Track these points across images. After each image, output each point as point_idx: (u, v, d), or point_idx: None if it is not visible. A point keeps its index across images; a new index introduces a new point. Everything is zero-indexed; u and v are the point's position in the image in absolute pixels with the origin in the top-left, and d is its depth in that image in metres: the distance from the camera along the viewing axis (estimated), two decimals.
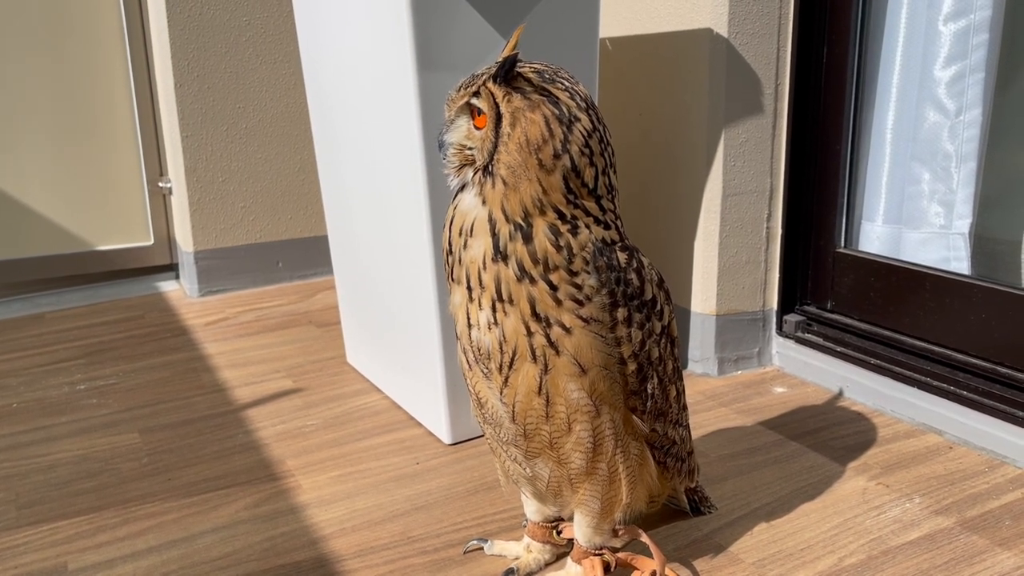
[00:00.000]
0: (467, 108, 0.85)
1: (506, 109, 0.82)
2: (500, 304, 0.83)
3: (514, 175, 0.81)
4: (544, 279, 0.82)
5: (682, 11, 1.51)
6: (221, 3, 2.12)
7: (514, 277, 0.82)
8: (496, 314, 0.84)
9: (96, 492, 1.23)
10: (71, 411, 1.52)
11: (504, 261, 0.82)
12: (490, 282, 0.83)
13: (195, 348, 1.83)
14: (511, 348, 0.84)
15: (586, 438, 0.87)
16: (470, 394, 0.94)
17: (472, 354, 0.88)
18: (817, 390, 1.52)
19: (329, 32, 1.42)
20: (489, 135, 0.83)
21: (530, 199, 0.81)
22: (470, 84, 0.85)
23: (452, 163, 0.87)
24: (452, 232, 0.86)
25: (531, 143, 0.81)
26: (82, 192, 2.26)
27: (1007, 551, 1.03)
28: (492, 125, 0.82)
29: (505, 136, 0.82)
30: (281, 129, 2.26)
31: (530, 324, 0.83)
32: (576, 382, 0.85)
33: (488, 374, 0.88)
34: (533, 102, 0.81)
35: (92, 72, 2.22)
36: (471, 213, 0.84)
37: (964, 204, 1.43)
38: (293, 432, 1.41)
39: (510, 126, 0.81)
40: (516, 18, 1.21)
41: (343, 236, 1.60)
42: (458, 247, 0.85)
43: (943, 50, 1.40)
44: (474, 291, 0.85)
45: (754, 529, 1.09)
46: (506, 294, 0.83)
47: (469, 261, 0.84)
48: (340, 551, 1.07)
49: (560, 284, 0.82)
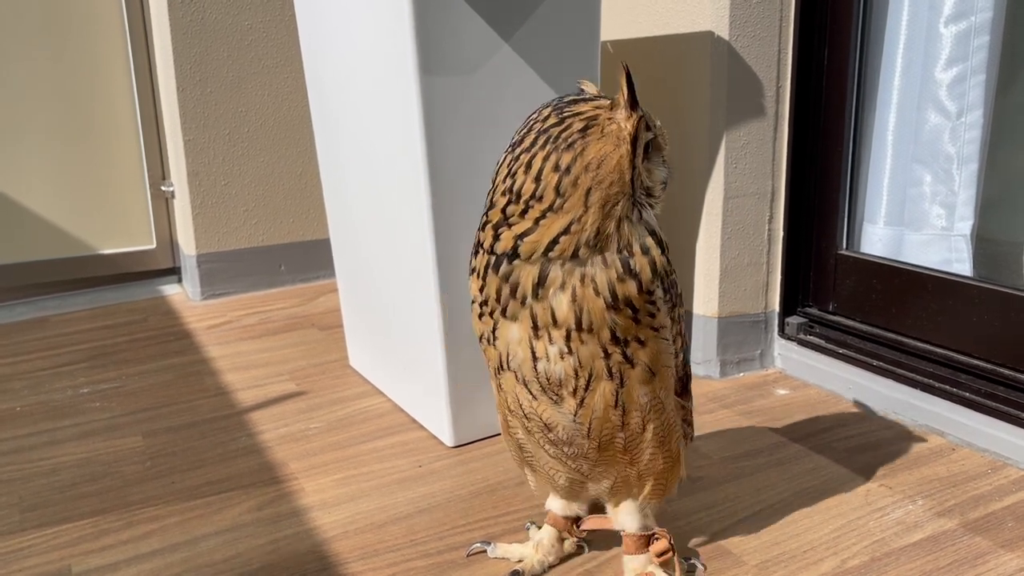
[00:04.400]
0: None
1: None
2: (577, 334, 0.81)
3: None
4: (627, 304, 0.81)
5: (683, 14, 1.51)
6: (223, 7, 2.13)
7: (602, 306, 0.80)
8: (571, 343, 0.82)
9: (99, 495, 1.23)
10: (74, 414, 1.52)
11: (596, 293, 0.80)
12: (568, 315, 0.81)
13: (198, 351, 1.84)
14: (587, 372, 0.83)
15: (659, 433, 0.89)
16: (512, 421, 0.92)
17: (538, 385, 0.86)
18: (819, 392, 1.52)
19: (331, 36, 1.42)
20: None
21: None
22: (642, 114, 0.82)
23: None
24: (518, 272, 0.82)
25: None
26: (84, 196, 2.27)
27: (1010, 553, 1.03)
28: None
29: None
30: (283, 132, 2.27)
31: (608, 347, 0.82)
32: (647, 387, 0.86)
33: (559, 400, 0.86)
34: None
35: (94, 76, 2.23)
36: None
37: (966, 206, 1.43)
38: (296, 435, 1.41)
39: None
40: (517, 20, 1.22)
41: (345, 239, 1.60)
42: (527, 287, 0.82)
43: (944, 52, 1.40)
44: (544, 328, 0.82)
45: (757, 531, 1.09)
46: (587, 323, 0.81)
47: (551, 298, 0.81)
48: (343, 554, 1.07)
49: (640, 306, 0.82)
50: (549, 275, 0.80)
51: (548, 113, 0.81)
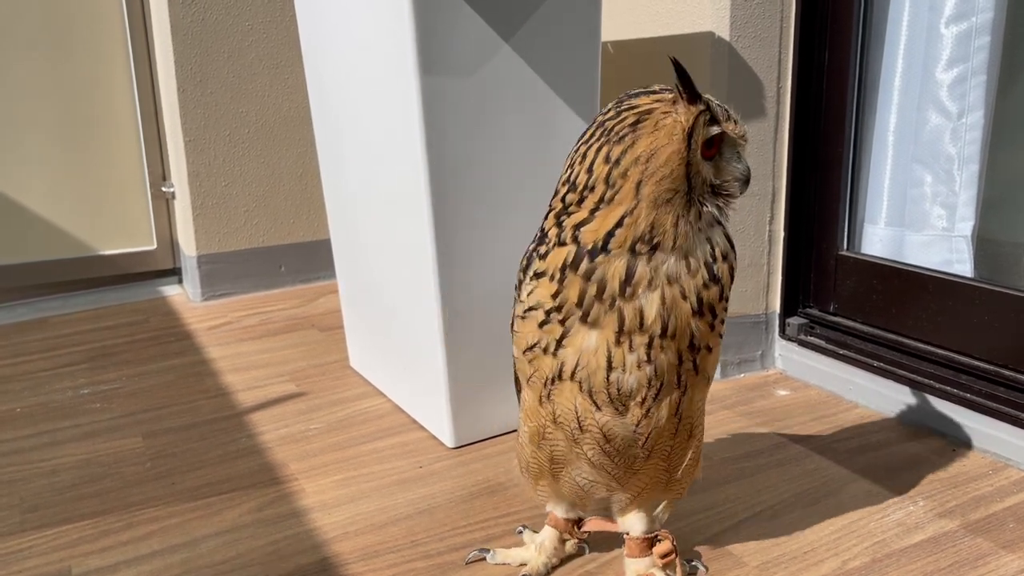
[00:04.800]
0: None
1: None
2: (660, 340, 0.79)
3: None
4: (710, 311, 0.80)
5: (684, 15, 1.51)
6: (224, 8, 2.13)
7: (688, 312, 0.79)
8: (651, 351, 0.80)
9: (100, 496, 1.23)
10: (75, 415, 1.52)
11: (683, 297, 0.79)
12: (656, 320, 0.79)
13: (198, 352, 1.84)
14: (659, 381, 0.82)
15: (698, 437, 0.90)
16: (554, 432, 0.88)
17: (606, 395, 0.82)
18: (820, 393, 1.52)
19: (331, 36, 1.42)
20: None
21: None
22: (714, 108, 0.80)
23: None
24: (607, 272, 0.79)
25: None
26: (85, 196, 2.27)
27: (1011, 554, 1.03)
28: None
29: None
30: (284, 133, 2.27)
31: (684, 355, 0.81)
32: (704, 391, 0.86)
33: (624, 411, 0.84)
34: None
35: (95, 77, 2.23)
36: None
37: (966, 206, 1.43)
38: (296, 436, 1.41)
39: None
40: (518, 20, 1.22)
41: (345, 240, 1.60)
42: (615, 285, 0.79)
43: (945, 53, 1.40)
44: (628, 334, 0.79)
45: (758, 532, 1.09)
46: (672, 329, 0.79)
47: (640, 296, 0.78)
48: (343, 555, 1.07)
49: (719, 313, 0.81)
50: (637, 271, 0.78)
51: (610, 107, 0.81)
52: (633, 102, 0.79)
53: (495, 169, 1.25)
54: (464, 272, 1.26)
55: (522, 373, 0.90)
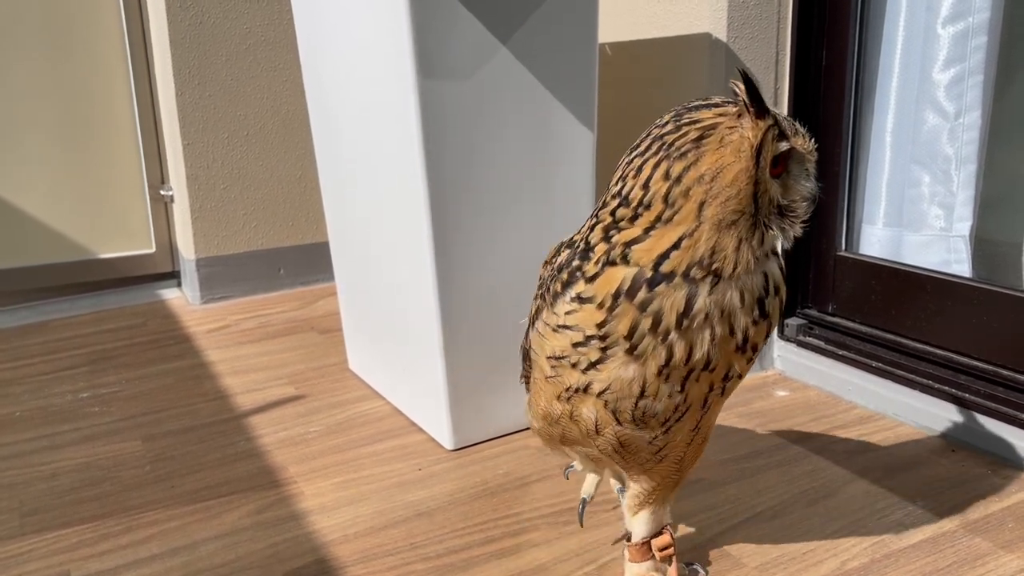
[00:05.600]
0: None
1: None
2: (696, 373, 0.76)
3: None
4: (753, 348, 0.77)
5: (681, 16, 1.51)
6: (222, 11, 2.13)
7: (733, 349, 0.75)
8: (687, 382, 0.77)
9: (99, 500, 1.23)
10: (74, 419, 1.52)
11: (731, 333, 0.75)
12: (703, 357, 0.75)
13: (197, 355, 1.84)
14: (686, 407, 0.80)
15: (708, 436, 0.89)
16: (568, 427, 0.86)
17: (630, 416, 0.80)
18: (819, 393, 1.52)
19: (328, 39, 1.43)
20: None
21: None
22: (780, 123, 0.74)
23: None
24: (665, 306, 0.74)
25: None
26: (84, 200, 2.27)
27: (1010, 554, 1.03)
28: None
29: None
30: (282, 136, 2.27)
31: (715, 384, 0.79)
32: (722, 403, 0.85)
33: (645, 427, 0.81)
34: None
35: (93, 80, 2.23)
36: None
37: (964, 206, 1.43)
38: (295, 439, 1.41)
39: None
40: (515, 22, 1.22)
41: (344, 242, 1.60)
42: (671, 319, 0.74)
43: (942, 53, 1.40)
44: (673, 368, 0.75)
45: (757, 533, 1.09)
46: (713, 364, 0.76)
47: (695, 332, 0.74)
48: (343, 558, 1.07)
49: (760, 349, 0.78)
50: (696, 305, 0.73)
51: (667, 119, 0.75)
52: (695, 116, 0.73)
53: (493, 171, 1.25)
54: (463, 274, 1.26)
55: (539, 368, 0.86)
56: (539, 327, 0.84)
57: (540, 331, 0.84)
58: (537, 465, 1.28)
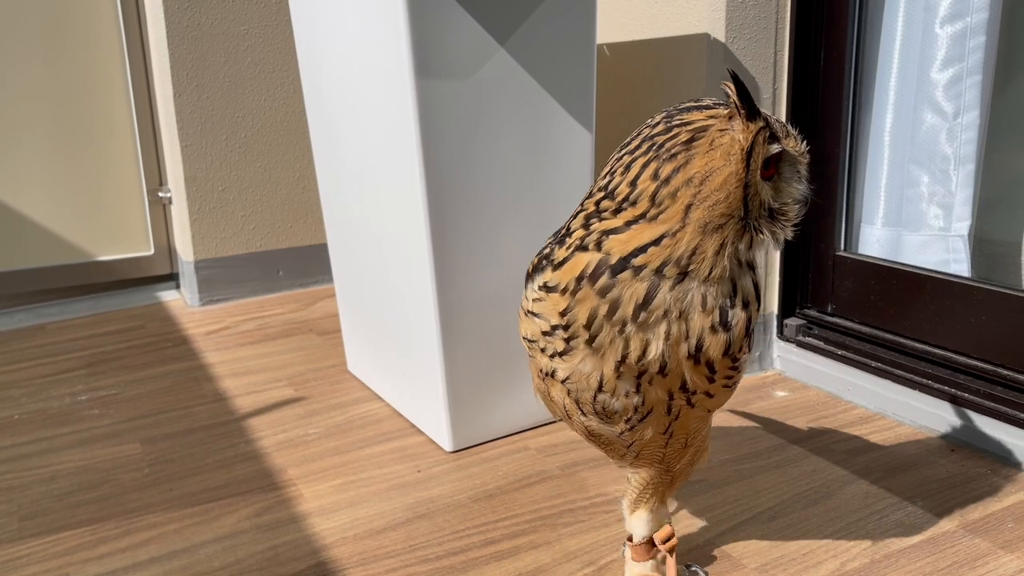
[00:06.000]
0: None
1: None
2: (649, 374, 0.76)
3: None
4: (707, 364, 0.75)
5: (679, 16, 1.51)
6: (220, 13, 2.13)
7: (684, 354, 0.74)
8: (641, 383, 0.77)
9: (98, 503, 1.23)
10: (73, 422, 1.52)
11: (684, 337, 0.74)
12: (657, 358, 0.74)
13: (196, 357, 1.83)
14: (646, 409, 0.79)
15: (700, 440, 0.89)
16: (557, 404, 0.86)
17: (592, 408, 0.81)
18: (818, 394, 1.52)
19: (326, 40, 1.42)
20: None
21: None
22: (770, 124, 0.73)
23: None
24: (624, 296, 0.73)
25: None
26: (82, 202, 2.27)
27: (1010, 554, 1.03)
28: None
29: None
30: (280, 137, 2.27)
31: (675, 393, 0.78)
32: (704, 417, 0.85)
33: (608, 421, 0.82)
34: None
35: (91, 82, 2.23)
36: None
37: (963, 206, 1.43)
38: (294, 441, 1.41)
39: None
40: (513, 23, 1.22)
41: (342, 244, 1.60)
42: (628, 309, 0.73)
43: (940, 53, 1.40)
44: (628, 367, 0.75)
45: (756, 534, 1.09)
46: (668, 368, 0.75)
47: (651, 327, 0.73)
48: (342, 560, 1.06)
49: (719, 369, 0.76)
50: (656, 298, 0.72)
51: (659, 120, 0.75)
52: (685, 117, 0.73)
53: (491, 172, 1.25)
54: (461, 275, 1.26)
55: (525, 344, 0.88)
56: (521, 305, 0.85)
57: (520, 311, 0.85)
58: (537, 467, 1.28)
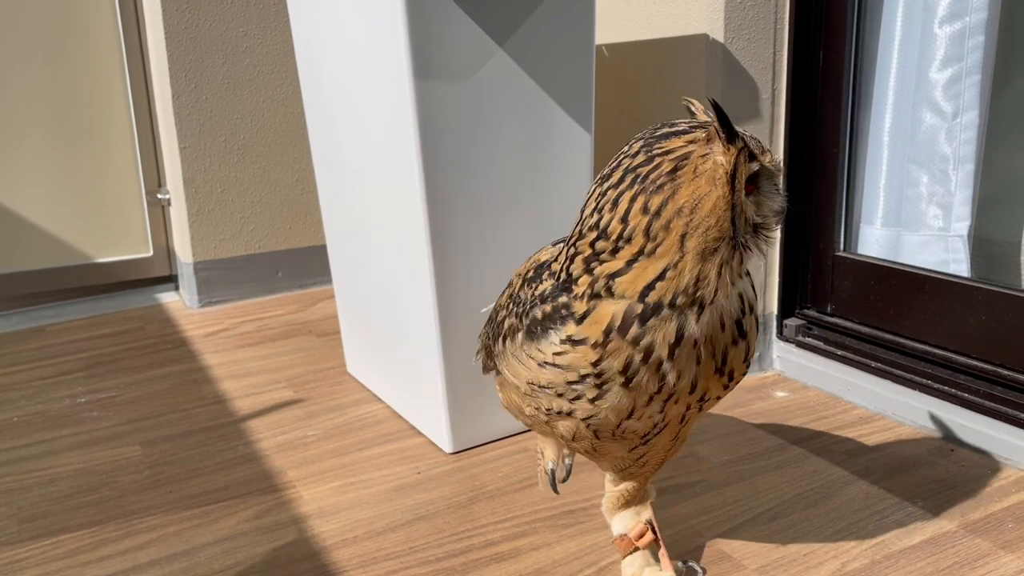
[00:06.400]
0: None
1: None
2: (676, 396, 0.77)
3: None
4: (729, 375, 0.78)
5: (677, 17, 1.51)
6: (218, 14, 2.13)
7: (711, 371, 0.76)
8: (667, 405, 0.78)
9: (97, 505, 1.23)
10: (72, 424, 1.51)
11: (712, 356, 0.76)
12: (688, 382, 0.76)
13: (195, 359, 1.83)
14: (664, 423, 0.81)
15: (686, 438, 0.90)
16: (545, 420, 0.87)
17: (610, 435, 0.81)
18: (818, 394, 1.52)
19: (325, 41, 1.42)
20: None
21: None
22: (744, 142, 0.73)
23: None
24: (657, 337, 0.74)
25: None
26: (80, 204, 2.26)
27: (1010, 554, 1.03)
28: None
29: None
30: (279, 139, 2.27)
31: (693, 404, 0.79)
32: (699, 418, 0.86)
33: (622, 441, 0.83)
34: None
35: (89, 84, 2.23)
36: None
37: (962, 206, 1.43)
38: (294, 443, 1.41)
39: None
40: (512, 24, 1.22)
41: (341, 246, 1.60)
42: (664, 351, 0.74)
43: (939, 53, 1.40)
44: (662, 395, 0.76)
45: (756, 534, 1.09)
46: (697, 388, 0.77)
47: (685, 359, 0.74)
48: (342, 562, 1.06)
49: (738, 376, 0.79)
50: (686, 334, 0.73)
51: (638, 148, 0.74)
52: (665, 145, 0.73)
53: (490, 173, 1.25)
54: (461, 275, 1.26)
55: (511, 380, 0.85)
56: (511, 349, 0.83)
57: (517, 357, 0.83)
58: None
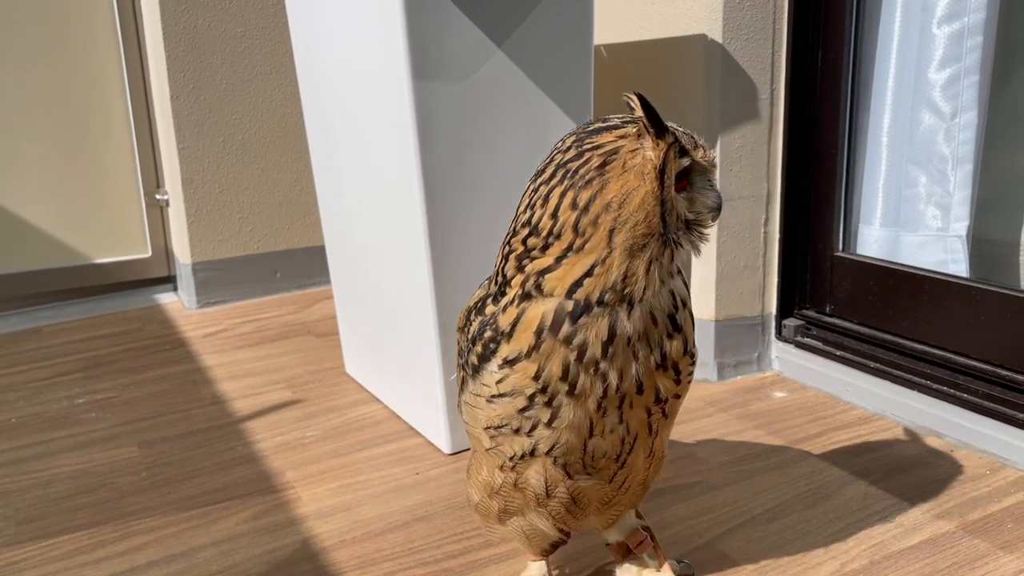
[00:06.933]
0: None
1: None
2: (628, 399, 0.76)
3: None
4: (673, 367, 0.77)
5: (676, 17, 1.51)
6: (217, 14, 2.13)
7: (654, 367, 0.76)
8: (622, 411, 0.77)
9: (95, 507, 1.22)
10: (70, 425, 1.51)
11: (650, 350, 0.75)
12: (632, 381, 0.75)
13: (194, 360, 1.83)
14: (632, 437, 0.80)
15: (663, 451, 0.89)
16: (512, 496, 0.84)
17: (580, 464, 0.80)
18: (817, 394, 1.52)
19: (323, 42, 1.42)
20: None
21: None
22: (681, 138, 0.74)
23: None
24: (591, 336, 0.73)
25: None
26: (79, 205, 2.26)
27: (1009, 554, 1.03)
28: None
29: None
30: (278, 139, 2.27)
31: (651, 408, 0.79)
32: (671, 428, 0.85)
33: (595, 472, 0.81)
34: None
35: (88, 84, 2.22)
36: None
37: (961, 206, 1.43)
38: (292, 443, 1.41)
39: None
40: (510, 24, 1.22)
41: (340, 246, 1.60)
42: (597, 349, 0.73)
43: (937, 53, 1.40)
44: (610, 399, 0.75)
45: (755, 535, 1.09)
46: (644, 386, 0.76)
47: (620, 356, 0.74)
48: (341, 563, 1.06)
49: (683, 368, 0.79)
50: (618, 330, 0.73)
51: (570, 143, 0.74)
52: (595, 140, 0.72)
53: (489, 174, 1.25)
54: (459, 276, 1.26)
55: (477, 440, 0.85)
56: (467, 399, 0.83)
57: (471, 403, 0.82)
58: None
